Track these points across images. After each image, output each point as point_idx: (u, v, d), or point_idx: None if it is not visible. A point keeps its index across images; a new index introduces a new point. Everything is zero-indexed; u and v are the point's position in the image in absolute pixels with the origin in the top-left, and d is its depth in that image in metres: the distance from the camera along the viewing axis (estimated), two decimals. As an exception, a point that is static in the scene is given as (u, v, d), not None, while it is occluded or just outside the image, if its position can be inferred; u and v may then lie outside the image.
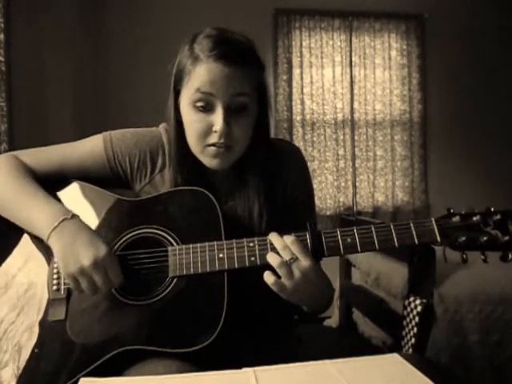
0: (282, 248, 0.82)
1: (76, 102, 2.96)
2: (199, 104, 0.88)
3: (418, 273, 1.80)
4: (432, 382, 0.65)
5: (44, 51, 2.55)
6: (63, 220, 0.84)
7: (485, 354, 1.80)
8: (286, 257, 0.81)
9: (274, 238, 0.84)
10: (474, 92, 3.78)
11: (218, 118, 0.87)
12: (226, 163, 0.92)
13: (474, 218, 0.83)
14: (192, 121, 0.90)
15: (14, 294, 0.91)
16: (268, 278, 0.80)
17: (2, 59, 2.18)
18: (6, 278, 0.92)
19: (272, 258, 0.82)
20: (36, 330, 0.87)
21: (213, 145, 0.89)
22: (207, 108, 0.88)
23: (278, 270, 0.81)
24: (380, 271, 2.19)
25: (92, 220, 0.92)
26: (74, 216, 0.86)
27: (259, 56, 0.93)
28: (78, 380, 0.72)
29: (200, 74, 0.86)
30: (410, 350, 1.66)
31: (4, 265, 0.93)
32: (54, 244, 0.84)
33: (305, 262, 0.81)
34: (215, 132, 0.88)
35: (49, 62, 2.59)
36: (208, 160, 0.91)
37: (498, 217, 0.82)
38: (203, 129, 0.88)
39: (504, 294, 1.85)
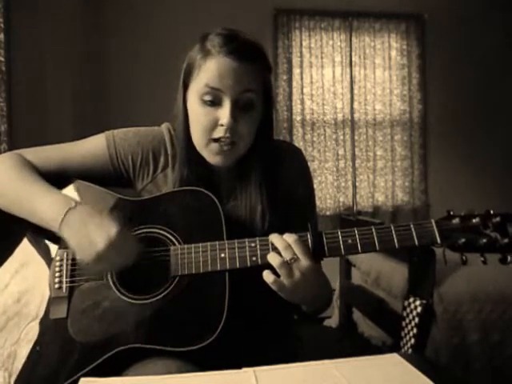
0: (284, 248, 0.82)
1: (76, 102, 2.96)
2: (207, 98, 0.88)
3: (417, 273, 1.80)
4: (432, 382, 0.65)
5: (44, 51, 2.55)
6: (68, 211, 0.84)
7: (485, 354, 1.79)
8: (287, 257, 0.81)
9: (275, 238, 0.84)
10: (474, 92, 3.78)
11: (225, 112, 0.87)
12: (228, 160, 0.92)
13: (474, 220, 0.83)
14: (198, 114, 0.90)
15: (1, 305, 0.89)
16: (267, 277, 0.81)
17: (2, 59, 2.18)
18: None
19: (273, 258, 0.82)
20: (35, 332, 0.87)
21: (218, 140, 0.89)
22: (215, 102, 0.88)
23: (279, 270, 0.81)
24: (380, 271, 2.19)
25: None
26: (78, 203, 0.86)
27: (267, 57, 0.94)
28: (78, 378, 0.72)
29: (210, 68, 0.87)
30: (410, 351, 1.66)
31: None
32: (67, 237, 0.84)
33: (305, 262, 0.81)
34: (221, 126, 0.88)
35: (49, 62, 2.59)
36: (211, 156, 0.92)
37: (498, 219, 0.82)
38: (209, 122, 0.89)
39: (504, 293, 1.84)
